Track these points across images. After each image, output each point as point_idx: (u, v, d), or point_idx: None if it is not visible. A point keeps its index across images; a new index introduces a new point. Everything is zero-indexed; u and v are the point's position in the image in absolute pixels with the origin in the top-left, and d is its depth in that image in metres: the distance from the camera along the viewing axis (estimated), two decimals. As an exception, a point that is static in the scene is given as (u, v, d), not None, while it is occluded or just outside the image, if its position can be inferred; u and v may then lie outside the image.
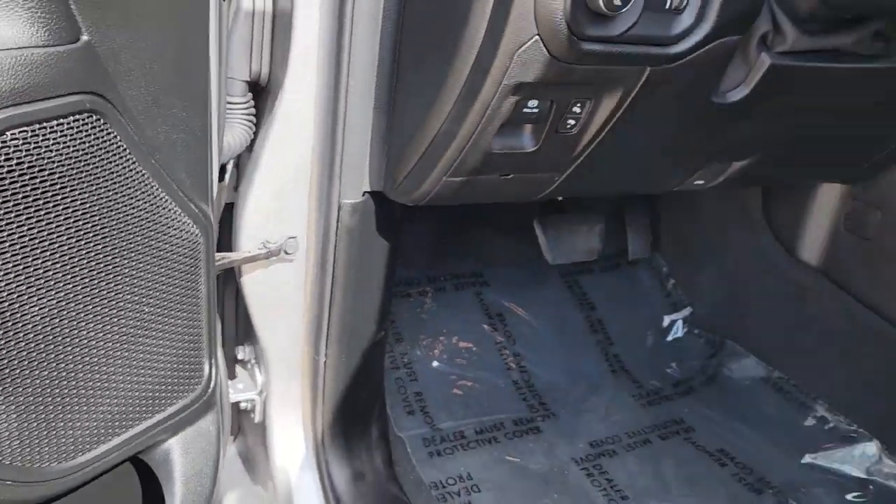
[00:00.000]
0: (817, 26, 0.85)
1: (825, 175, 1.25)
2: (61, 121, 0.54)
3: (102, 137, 0.58)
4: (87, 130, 0.57)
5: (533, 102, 0.78)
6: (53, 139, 0.54)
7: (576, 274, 1.52)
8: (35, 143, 0.53)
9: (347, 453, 1.08)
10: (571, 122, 0.82)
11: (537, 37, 0.69)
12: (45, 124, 0.53)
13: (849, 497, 1.18)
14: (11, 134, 0.51)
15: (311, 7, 0.85)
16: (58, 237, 0.57)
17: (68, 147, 0.55)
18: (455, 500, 1.10)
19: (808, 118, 0.98)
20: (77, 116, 0.56)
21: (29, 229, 0.55)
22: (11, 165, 0.52)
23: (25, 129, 0.52)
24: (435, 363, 1.33)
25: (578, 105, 0.80)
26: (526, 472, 1.17)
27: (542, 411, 1.30)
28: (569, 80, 0.75)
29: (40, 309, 0.58)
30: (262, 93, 0.93)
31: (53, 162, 0.54)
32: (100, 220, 0.60)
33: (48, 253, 0.57)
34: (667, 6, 0.73)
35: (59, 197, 0.56)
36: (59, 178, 0.56)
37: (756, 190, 1.40)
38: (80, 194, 0.57)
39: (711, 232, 1.49)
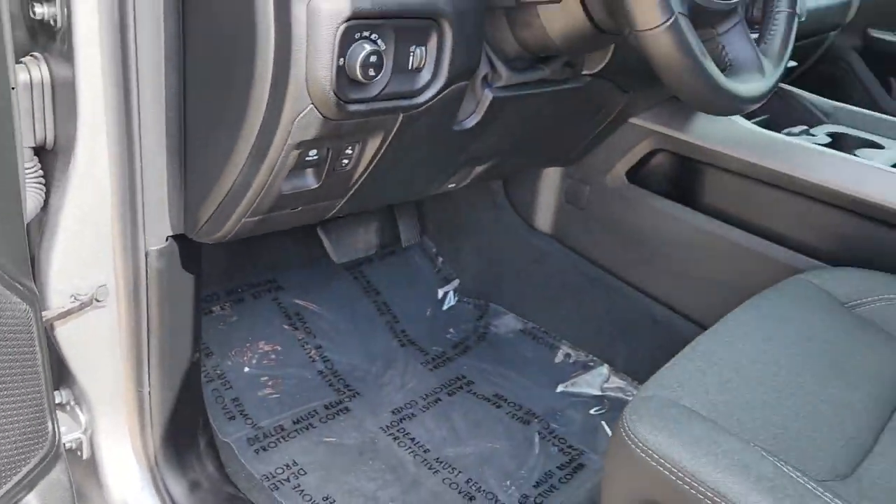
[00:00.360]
0: (523, 64, 1.09)
1: (546, 163, 1.55)
2: None
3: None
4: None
5: (313, 152, 0.93)
6: None
7: (359, 266, 1.70)
8: None
9: (181, 467, 1.18)
10: (346, 161, 0.98)
11: (311, 105, 0.84)
12: None
13: (591, 411, 1.49)
14: None
15: (93, 76, 0.91)
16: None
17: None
18: (286, 486, 1.25)
19: (526, 129, 1.24)
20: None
21: None
22: None
23: None
24: (246, 369, 1.44)
25: (350, 148, 0.97)
26: (342, 448, 1.34)
27: (348, 393, 1.47)
28: (340, 133, 0.91)
29: None
30: (48, 154, 0.98)
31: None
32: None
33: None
34: (409, 68, 0.91)
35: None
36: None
37: (499, 179, 1.67)
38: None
39: (467, 215, 1.73)
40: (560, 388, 1.55)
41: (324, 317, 1.59)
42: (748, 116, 1.40)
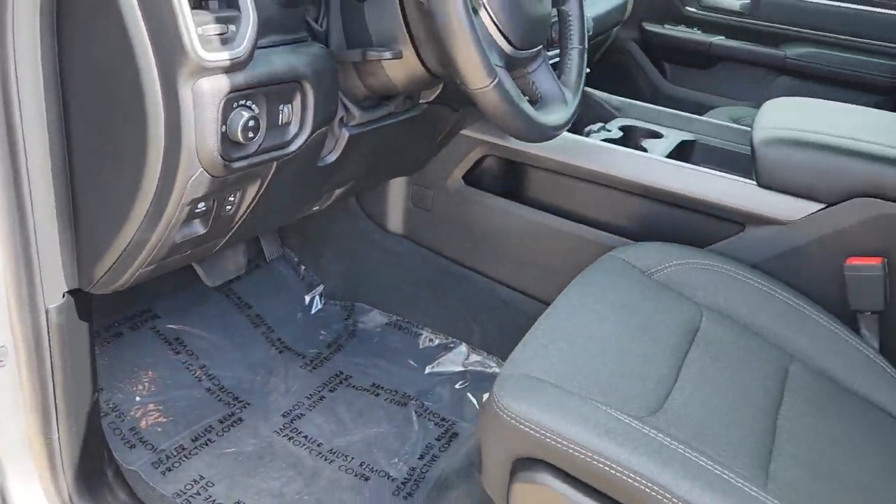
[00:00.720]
0: (371, 103, 1.26)
1: (395, 175, 1.73)
2: None
3: None
4: None
5: (202, 204, 1.04)
6: None
7: (229, 284, 1.80)
8: None
9: (95, 501, 1.26)
10: (229, 207, 1.10)
11: (202, 169, 0.96)
12: None
13: (457, 386, 1.68)
14: None
15: None
16: None
17: None
18: (198, 499, 1.36)
19: (378, 155, 1.41)
20: None
21: None
22: None
23: None
24: (137, 398, 1.51)
25: (232, 196, 1.09)
26: (243, 455, 1.45)
27: (238, 404, 1.58)
28: (225, 186, 1.03)
29: None
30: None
31: None
32: None
33: None
34: (280, 124, 1.05)
35: None
36: None
37: (351, 190, 1.83)
38: None
39: (324, 224, 1.86)
40: (428, 370, 1.72)
41: (203, 337, 1.68)
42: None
